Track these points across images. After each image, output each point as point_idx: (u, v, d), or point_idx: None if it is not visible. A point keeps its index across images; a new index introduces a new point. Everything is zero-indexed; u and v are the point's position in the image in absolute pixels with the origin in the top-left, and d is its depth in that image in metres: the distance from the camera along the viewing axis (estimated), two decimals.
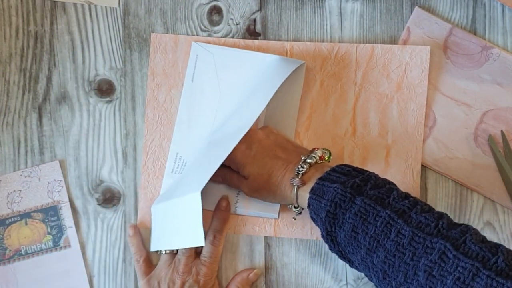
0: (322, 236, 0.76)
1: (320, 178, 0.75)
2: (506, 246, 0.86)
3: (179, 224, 0.82)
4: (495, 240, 0.86)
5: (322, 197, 0.74)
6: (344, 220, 0.72)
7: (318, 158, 0.79)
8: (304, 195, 0.77)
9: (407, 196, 0.72)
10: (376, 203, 0.70)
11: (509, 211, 0.87)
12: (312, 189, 0.75)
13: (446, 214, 0.70)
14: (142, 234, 0.89)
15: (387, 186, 0.73)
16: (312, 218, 0.77)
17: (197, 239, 0.78)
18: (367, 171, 0.76)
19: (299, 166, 0.78)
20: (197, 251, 0.86)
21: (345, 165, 0.77)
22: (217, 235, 0.85)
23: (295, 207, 0.80)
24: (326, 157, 0.80)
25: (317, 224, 0.77)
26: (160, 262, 0.86)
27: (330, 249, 0.76)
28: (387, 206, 0.70)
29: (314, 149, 0.81)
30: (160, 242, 0.86)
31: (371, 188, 0.72)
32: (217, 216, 0.86)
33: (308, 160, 0.78)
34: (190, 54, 0.89)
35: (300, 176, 0.77)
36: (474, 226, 0.86)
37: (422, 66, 0.87)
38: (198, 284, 0.83)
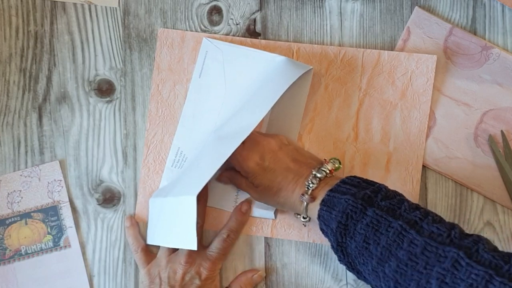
0: (332, 247, 0.76)
1: (330, 190, 0.76)
2: (506, 246, 0.87)
3: (174, 224, 0.82)
4: (495, 240, 0.87)
5: (333, 208, 0.74)
6: (356, 231, 0.72)
7: (328, 172, 0.79)
8: (314, 207, 0.78)
9: (417, 207, 0.73)
10: (387, 214, 0.71)
11: (509, 211, 0.87)
12: (322, 200, 0.76)
13: (457, 225, 0.70)
14: (140, 227, 0.89)
15: (397, 198, 0.74)
16: (321, 229, 0.77)
17: (190, 242, 0.78)
18: (376, 182, 0.76)
19: (309, 182, 0.78)
20: (203, 245, 0.86)
21: (355, 176, 0.77)
22: (231, 235, 0.86)
23: (303, 218, 0.81)
24: (336, 166, 0.81)
25: (326, 235, 0.77)
26: (160, 251, 0.86)
27: (340, 261, 0.77)
28: (398, 217, 0.71)
29: (324, 161, 0.81)
30: (155, 237, 0.86)
31: (381, 199, 0.73)
32: (235, 217, 0.87)
33: (318, 175, 0.79)
34: (200, 50, 0.89)
35: (310, 192, 0.78)
36: (474, 226, 0.87)
37: (428, 75, 0.87)
38: (199, 277, 0.83)
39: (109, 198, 0.90)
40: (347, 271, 0.87)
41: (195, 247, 0.77)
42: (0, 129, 0.90)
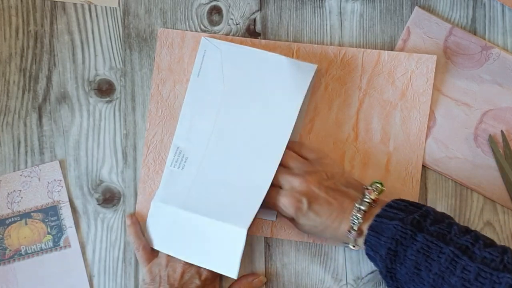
0: (381, 273, 0.76)
1: (377, 215, 0.75)
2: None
3: (210, 245, 0.82)
4: (495, 240, 0.86)
5: (382, 234, 0.74)
6: (406, 257, 0.72)
7: (372, 202, 0.78)
8: (362, 234, 0.77)
9: (467, 230, 0.72)
10: (438, 239, 0.71)
11: (509, 211, 0.87)
12: (370, 226, 0.75)
13: (509, 248, 0.70)
14: (141, 226, 0.89)
15: (446, 221, 0.73)
16: (368, 254, 0.77)
17: (230, 270, 0.80)
18: (423, 205, 0.76)
19: (354, 217, 0.77)
20: None
21: (401, 200, 0.77)
22: None
23: (353, 246, 0.80)
24: (379, 189, 0.79)
25: (373, 260, 0.77)
26: None
27: (388, 286, 0.76)
28: (449, 242, 0.70)
29: (366, 189, 0.79)
30: (172, 248, 0.84)
31: (431, 224, 0.72)
32: None
33: (363, 208, 0.77)
34: (199, 49, 0.89)
35: (356, 228, 0.77)
36: (474, 226, 0.87)
37: (428, 75, 0.87)
38: (199, 277, 0.83)
39: (109, 198, 0.90)
40: (347, 271, 0.87)
41: (235, 276, 0.80)
42: (0, 129, 0.90)
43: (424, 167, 0.87)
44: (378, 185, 0.80)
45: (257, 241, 0.88)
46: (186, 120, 0.88)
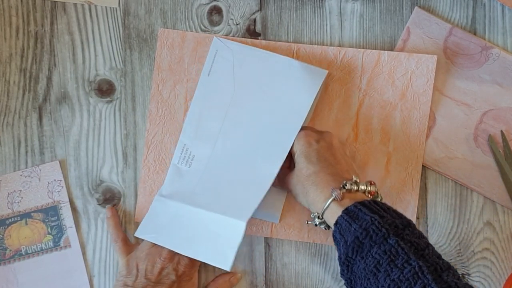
0: (339, 259, 0.73)
1: (359, 203, 0.73)
2: (506, 246, 0.87)
3: (208, 238, 0.83)
4: (495, 240, 0.87)
5: (355, 221, 0.71)
6: (369, 253, 0.70)
7: (368, 189, 0.77)
8: (335, 210, 0.74)
9: (440, 256, 0.70)
10: (409, 250, 0.68)
11: (509, 211, 0.87)
12: (347, 209, 0.73)
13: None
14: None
15: (424, 240, 0.71)
16: (334, 236, 0.74)
17: (224, 262, 0.80)
18: (410, 220, 0.73)
19: (347, 183, 0.76)
20: None
21: (388, 205, 0.75)
22: None
23: (318, 218, 0.78)
24: (375, 193, 0.78)
25: (337, 245, 0.74)
26: (143, 243, 0.86)
27: (341, 274, 0.74)
28: (420, 257, 0.68)
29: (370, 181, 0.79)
30: (166, 241, 0.85)
31: (408, 235, 0.70)
32: None
33: (362, 187, 0.76)
34: (210, 48, 0.89)
35: (343, 190, 0.75)
36: (474, 226, 0.87)
37: (428, 75, 0.87)
38: (176, 273, 0.83)
39: (109, 198, 0.90)
40: None
41: (228, 268, 0.80)
42: (0, 129, 0.90)
43: (424, 167, 0.88)
44: (378, 194, 0.78)
45: (257, 241, 0.88)
46: (194, 118, 0.88)
